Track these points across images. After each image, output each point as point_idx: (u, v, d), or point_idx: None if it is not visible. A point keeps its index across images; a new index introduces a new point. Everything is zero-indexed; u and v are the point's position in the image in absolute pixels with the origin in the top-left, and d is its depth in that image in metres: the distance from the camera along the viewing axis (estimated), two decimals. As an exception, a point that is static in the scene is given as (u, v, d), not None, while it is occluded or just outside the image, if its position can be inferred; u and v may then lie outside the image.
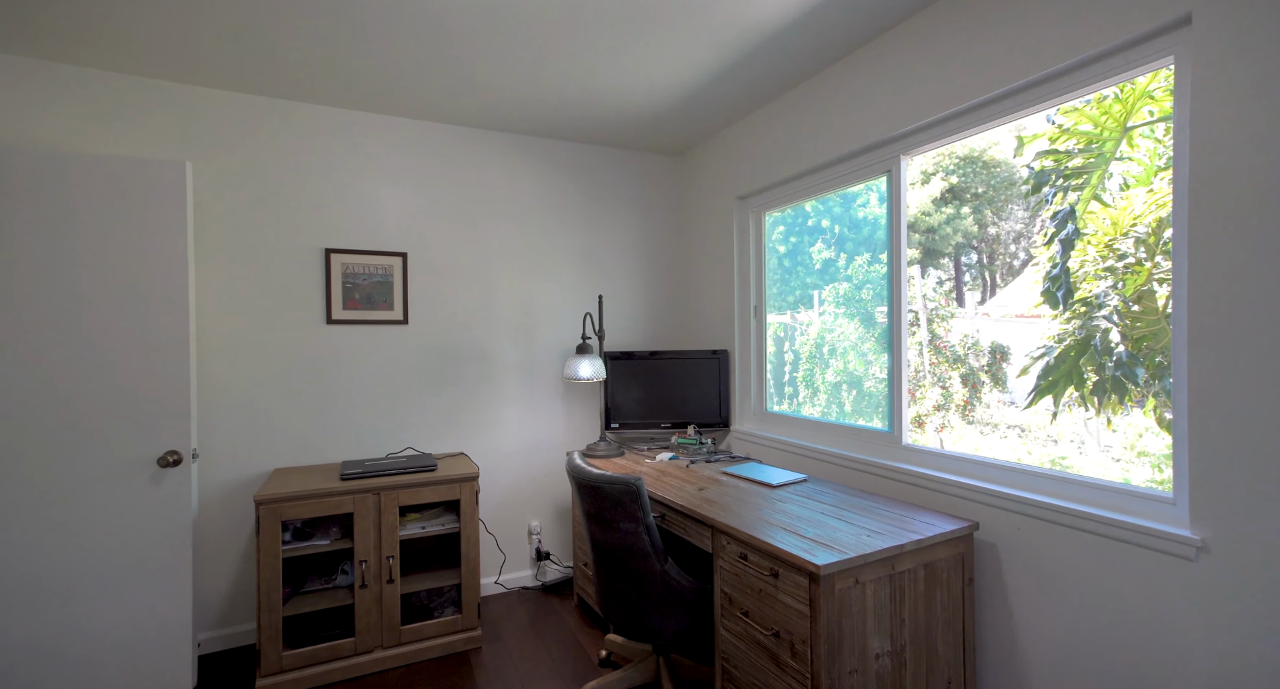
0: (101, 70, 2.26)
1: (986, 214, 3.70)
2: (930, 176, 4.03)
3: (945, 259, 3.81)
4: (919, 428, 3.55)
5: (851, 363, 2.55)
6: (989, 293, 3.75)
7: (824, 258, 2.64)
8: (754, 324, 2.89)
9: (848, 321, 2.56)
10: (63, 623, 2.02)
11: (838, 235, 2.56)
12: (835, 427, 2.40)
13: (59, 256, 2.02)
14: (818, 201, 2.57)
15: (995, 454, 2.75)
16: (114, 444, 2.07)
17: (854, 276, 2.51)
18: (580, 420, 3.19)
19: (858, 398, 2.52)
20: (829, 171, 2.41)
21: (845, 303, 2.60)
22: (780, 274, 2.82)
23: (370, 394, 2.72)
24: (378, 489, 2.27)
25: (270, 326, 2.54)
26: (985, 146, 3.47)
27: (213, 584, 2.44)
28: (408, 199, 2.79)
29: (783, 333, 2.83)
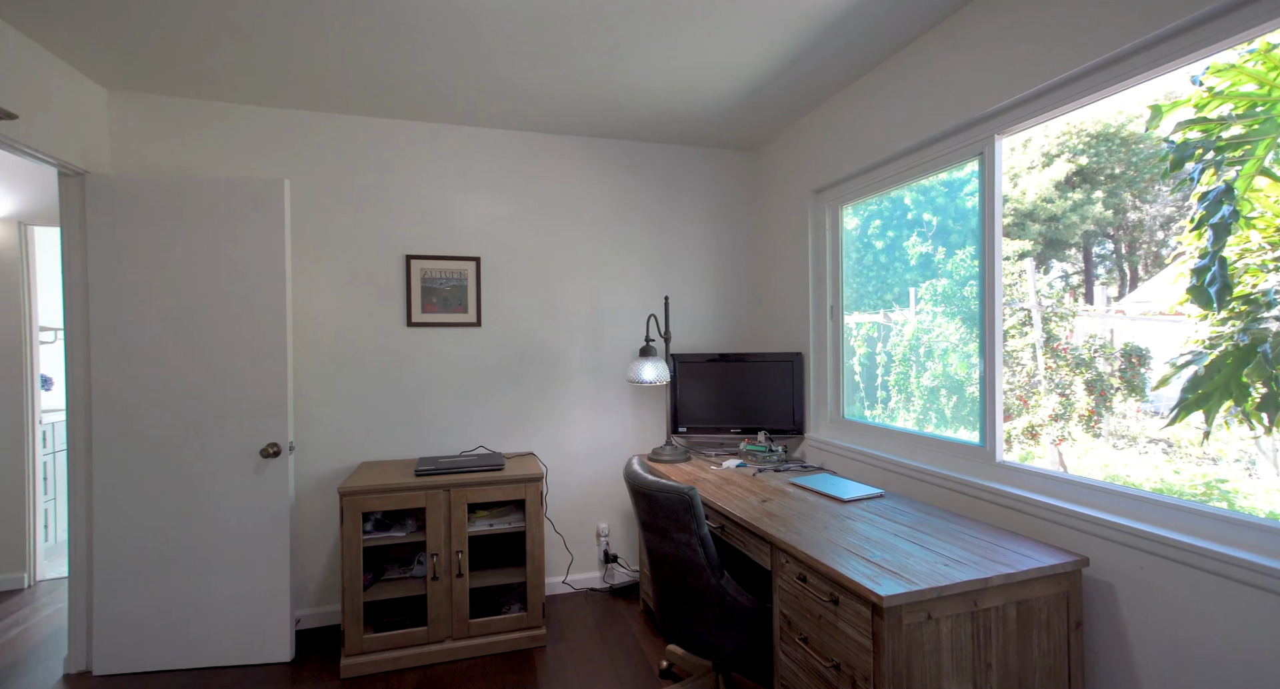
0: (213, 101, 2.53)
1: (1126, 197, 3.26)
2: (1053, 158, 3.60)
3: (1072, 250, 3.36)
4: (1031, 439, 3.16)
5: (952, 365, 2.31)
6: (1127, 286, 3.28)
7: (920, 252, 2.41)
8: (830, 325, 2.71)
9: (947, 321, 2.33)
10: (194, 588, 2.29)
11: (935, 228, 2.33)
12: (917, 438, 2.18)
13: (182, 271, 2.29)
14: (917, 192, 2.35)
15: (1123, 474, 2.39)
16: (226, 436, 2.31)
17: (955, 272, 2.27)
18: (648, 423, 3.15)
19: (958, 404, 2.28)
20: (911, 158, 2.19)
21: (945, 300, 2.36)
22: (876, 271, 2.61)
23: (447, 393, 2.84)
24: (447, 486, 2.36)
25: (357, 329, 2.72)
26: (1124, 120, 3.03)
27: (310, 566, 2.66)
28: (481, 205, 2.89)
29: (875, 333, 2.63)
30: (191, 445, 2.29)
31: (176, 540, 2.29)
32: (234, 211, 2.31)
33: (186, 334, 2.30)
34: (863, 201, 2.55)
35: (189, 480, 2.30)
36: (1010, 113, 1.78)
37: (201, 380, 2.30)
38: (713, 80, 2.37)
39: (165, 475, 2.29)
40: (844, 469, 2.50)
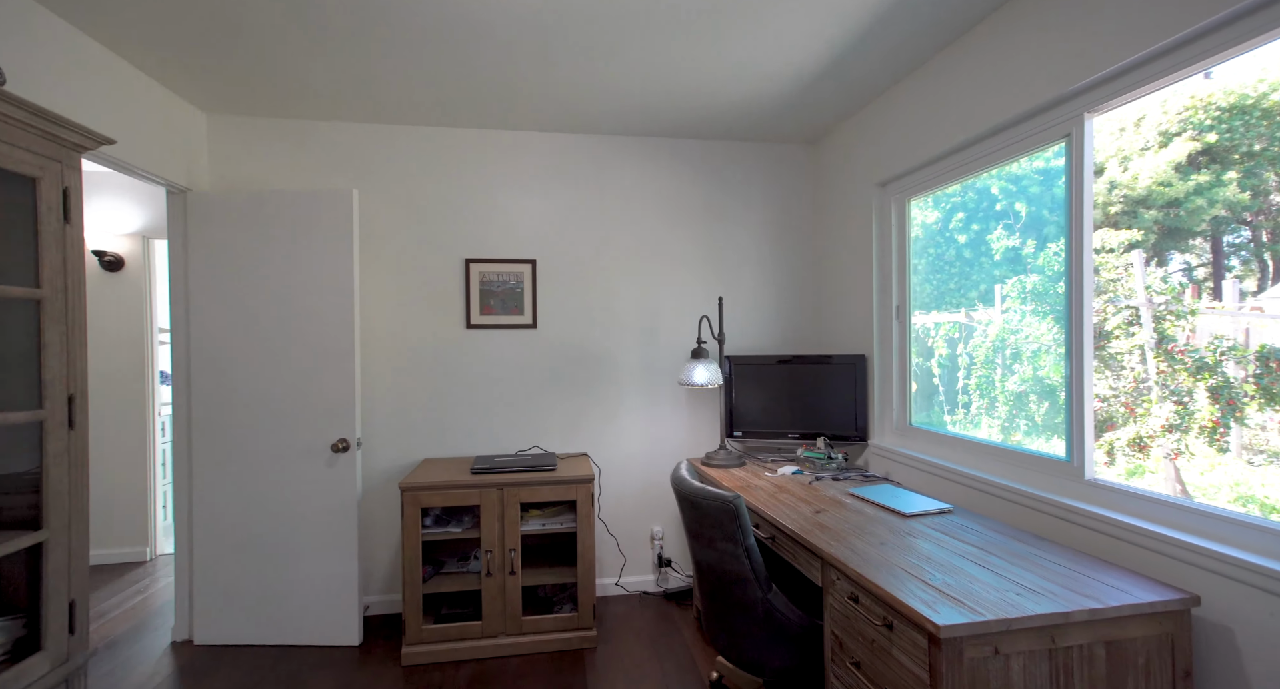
0: (292, 119, 2.73)
1: (1268, 177, 2.86)
2: (1172, 137, 3.22)
3: (1197, 239, 2.97)
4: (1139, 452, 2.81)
5: (1044, 369, 2.09)
6: (1269, 280, 2.86)
7: (1006, 246, 2.20)
8: (896, 326, 2.52)
9: (1038, 320, 2.11)
10: (276, 571, 2.48)
11: (1024, 219, 2.12)
12: (992, 449, 1.98)
13: (264, 277, 2.48)
14: (1006, 180, 2.15)
15: (1260, 494, 2.09)
16: (301, 431, 2.48)
17: (1047, 266, 2.05)
18: (703, 426, 3.08)
19: (1051, 411, 2.06)
20: (985, 145, 2.00)
21: (1035, 298, 2.14)
22: (959, 266, 2.41)
23: (504, 393, 2.91)
24: (500, 485, 2.41)
25: (420, 331, 2.85)
26: (1267, 89, 2.65)
27: (378, 556, 2.81)
28: (537, 208, 2.94)
29: (957, 333, 2.43)
30: (272, 439, 2.48)
31: (261, 525, 2.49)
32: (308, 221, 2.47)
33: (268, 334, 2.49)
34: (932, 193, 2.35)
35: (270, 471, 2.49)
36: (1101, 88, 1.58)
37: (280, 378, 2.48)
38: (768, 72, 2.28)
39: (251, 465, 2.49)
40: (909, 480, 2.32)
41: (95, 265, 3.47)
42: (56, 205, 1.30)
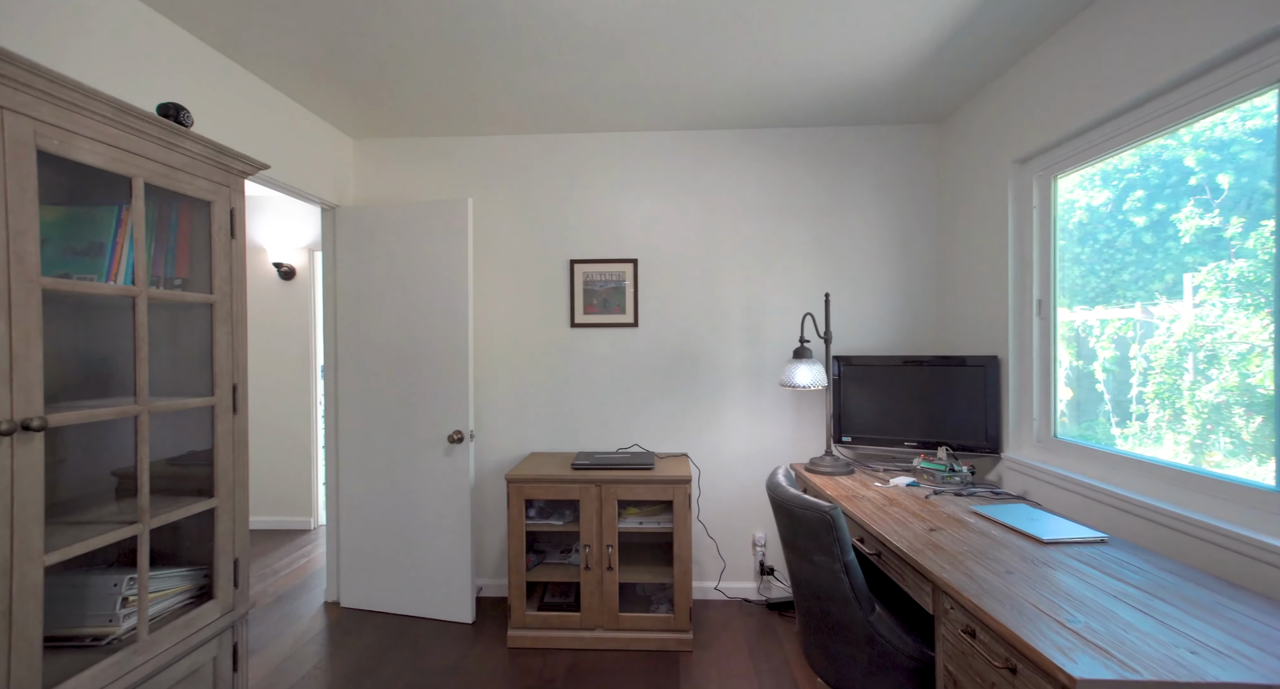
0: (420, 138, 3.00)
1: None
2: None
3: None
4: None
5: (1255, 375, 1.71)
6: None
7: (1199, 226, 1.83)
8: (1037, 324, 2.20)
9: (1246, 316, 1.73)
10: (404, 547, 2.75)
11: (1227, 192, 1.74)
12: (1171, 471, 1.64)
13: (393, 282, 2.76)
14: (1206, 148, 1.79)
15: None
16: (423, 422, 2.72)
17: (1258, 250, 1.68)
18: (809, 430, 2.92)
19: (1263, 428, 1.68)
20: (1161, 102, 1.66)
21: (1242, 288, 1.76)
22: (1136, 253, 2.05)
23: (606, 391, 2.98)
24: (599, 482, 2.46)
25: (527, 330, 3.00)
26: None
27: (489, 541, 3.00)
28: (639, 207, 2.97)
29: (1130, 331, 2.07)
30: (400, 428, 2.75)
31: (392, 506, 2.77)
32: (430, 230, 2.71)
33: (397, 333, 2.76)
34: (1086, 168, 2.01)
35: (399, 457, 2.76)
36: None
37: (406, 372, 2.74)
38: (885, 46, 2.09)
39: (383, 452, 2.78)
40: (1052, 501, 2.00)
41: (274, 275, 4.09)
42: (225, 224, 1.54)
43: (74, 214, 1.46)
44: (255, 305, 4.07)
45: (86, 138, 1.20)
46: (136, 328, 1.29)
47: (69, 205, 1.46)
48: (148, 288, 1.33)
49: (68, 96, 1.14)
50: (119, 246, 1.47)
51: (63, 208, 1.47)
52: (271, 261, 4.04)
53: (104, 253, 1.45)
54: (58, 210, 1.48)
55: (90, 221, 1.45)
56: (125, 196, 1.36)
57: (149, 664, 1.30)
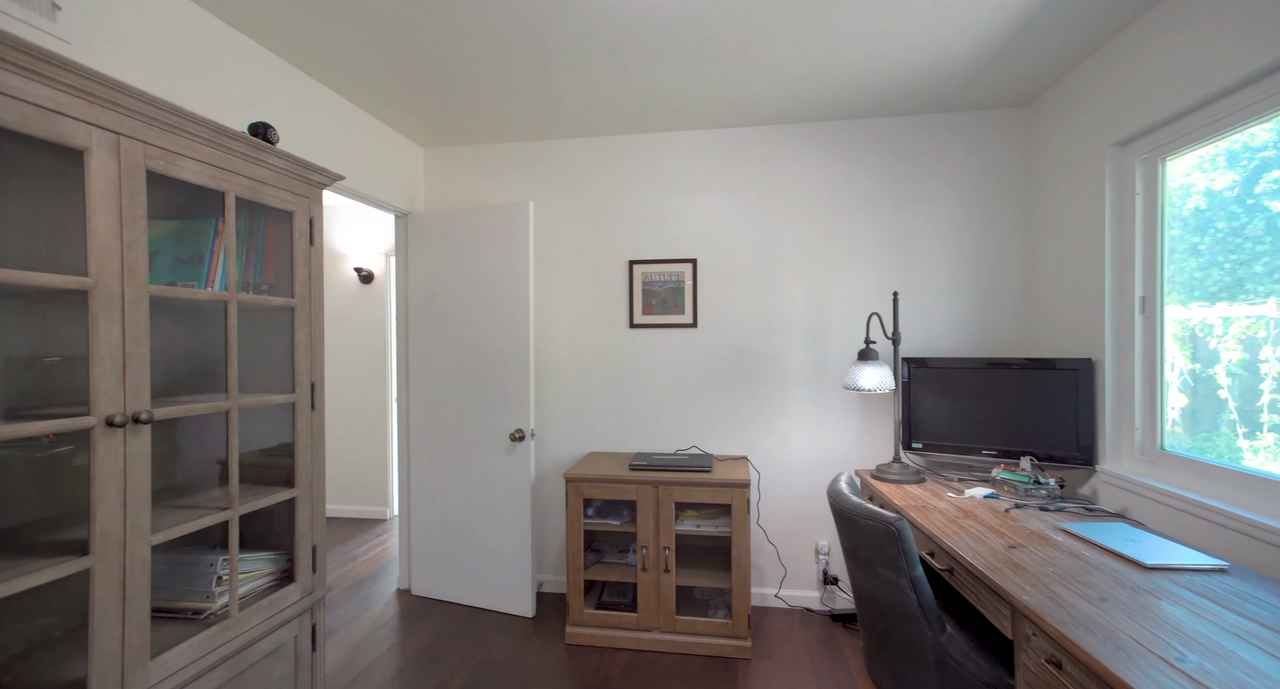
0: (485, 144, 3.11)
1: None
2: None
3: None
4: None
5: None
6: None
7: None
8: (1140, 323, 1.98)
9: None
10: (469, 540, 2.86)
11: None
12: (1303, 492, 1.43)
13: (458, 283, 2.87)
14: None
15: None
16: (486, 420, 2.81)
17: None
18: (876, 435, 2.78)
19: None
20: (1292, 67, 1.45)
21: None
22: (1272, 241, 1.83)
23: (664, 392, 2.96)
24: (656, 483, 2.46)
25: (586, 330, 3.03)
26: None
27: (549, 538, 3.07)
28: (698, 207, 2.94)
29: (1264, 330, 1.84)
30: (465, 426, 2.86)
31: (458, 500, 2.89)
32: (493, 233, 2.80)
33: (462, 333, 2.87)
34: (1203, 148, 1.79)
35: (465, 454, 2.86)
36: None
37: (471, 371, 2.85)
38: (967, 21, 1.96)
39: (451, 448, 2.90)
40: (1157, 521, 1.80)
41: (354, 279, 4.36)
42: (305, 232, 1.65)
43: (182, 227, 1.61)
44: (337, 307, 4.36)
45: (188, 158, 1.31)
46: (228, 330, 1.41)
47: (179, 219, 1.62)
48: (238, 293, 1.45)
49: (173, 121, 1.26)
50: (215, 256, 1.60)
51: (174, 222, 1.62)
52: (352, 266, 4.32)
53: (203, 262, 1.59)
54: (169, 224, 1.63)
55: (194, 233, 1.60)
56: (221, 210, 1.49)
57: (239, 639, 1.42)
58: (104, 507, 1.13)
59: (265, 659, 1.50)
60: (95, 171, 1.13)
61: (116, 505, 1.15)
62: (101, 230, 1.13)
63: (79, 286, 1.10)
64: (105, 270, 1.14)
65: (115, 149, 1.16)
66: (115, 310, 1.15)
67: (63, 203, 1.28)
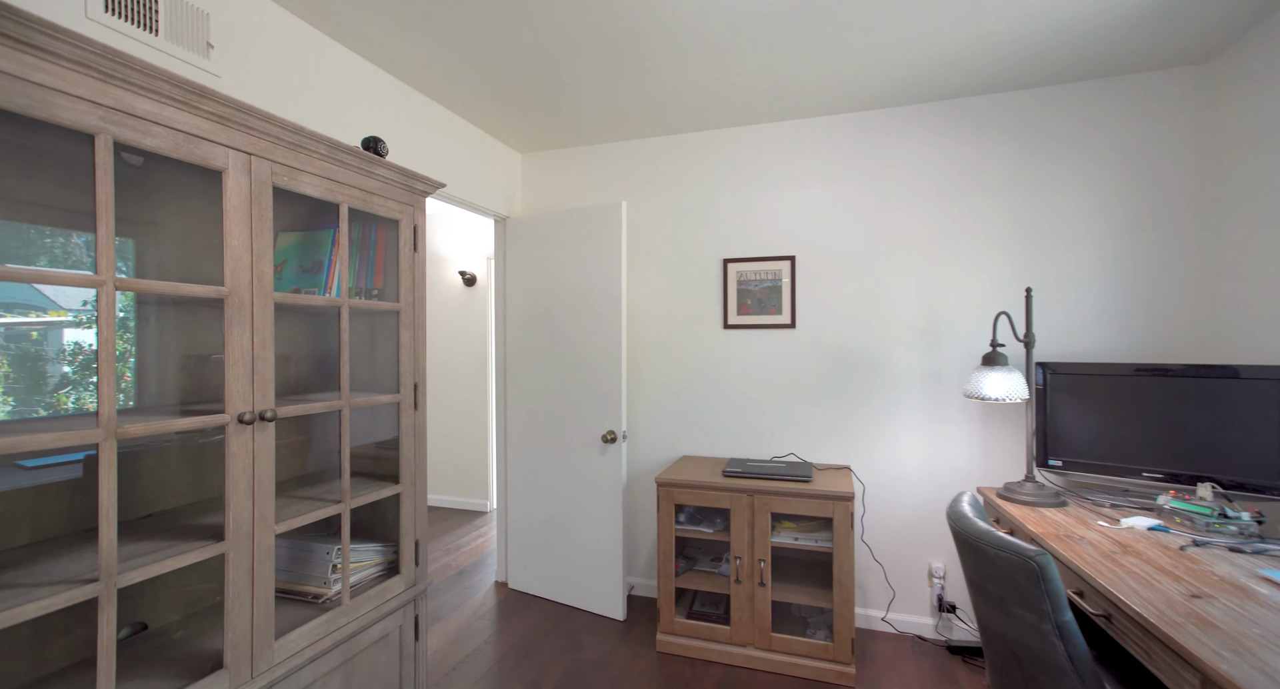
0: (579, 147, 3.13)
1: None
2: None
3: None
4: None
5: None
6: None
7: None
8: (1372, 321, 1.58)
9: None
10: (563, 538, 2.90)
11: None
12: None
13: (554, 284, 2.92)
14: None
15: None
16: (580, 421, 2.83)
17: None
18: (1002, 449, 2.47)
19: None
20: None
21: None
22: None
23: (760, 396, 2.83)
24: (751, 491, 2.34)
25: (680, 331, 2.97)
26: None
27: (641, 541, 3.04)
28: (797, 201, 2.77)
29: None
30: (560, 425, 2.90)
31: (552, 498, 2.94)
32: (586, 234, 2.81)
33: (557, 333, 2.92)
34: None
35: (559, 453, 2.91)
36: None
37: (565, 372, 2.88)
38: (1108, -24, 1.67)
39: (545, 447, 2.95)
40: (1407, 576, 1.41)
41: (459, 282, 4.61)
42: (409, 239, 1.73)
43: (305, 238, 1.75)
44: (443, 309, 4.63)
45: (307, 172, 1.40)
46: (340, 334, 1.49)
47: (304, 230, 1.75)
48: (349, 299, 1.53)
49: (295, 139, 1.35)
50: (333, 263, 1.71)
51: (298, 233, 1.76)
52: (456, 270, 4.56)
53: (322, 269, 1.71)
54: (294, 236, 1.77)
55: (315, 243, 1.72)
56: (336, 221, 1.59)
57: (350, 625, 1.50)
58: (236, 497, 1.23)
59: (373, 646, 1.58)
60: (231, 189, 1.22)
61: (246, 497, 1.24)
62: (235, 243, 1.23)
63: (216, 296, 1.20)
64: (238, 280, 1.23)
65: (247, 168, 1.26)
66: (246, 317, 1.25)
67: (207, 219, 1.41)
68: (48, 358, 1.31)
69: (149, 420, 1.13)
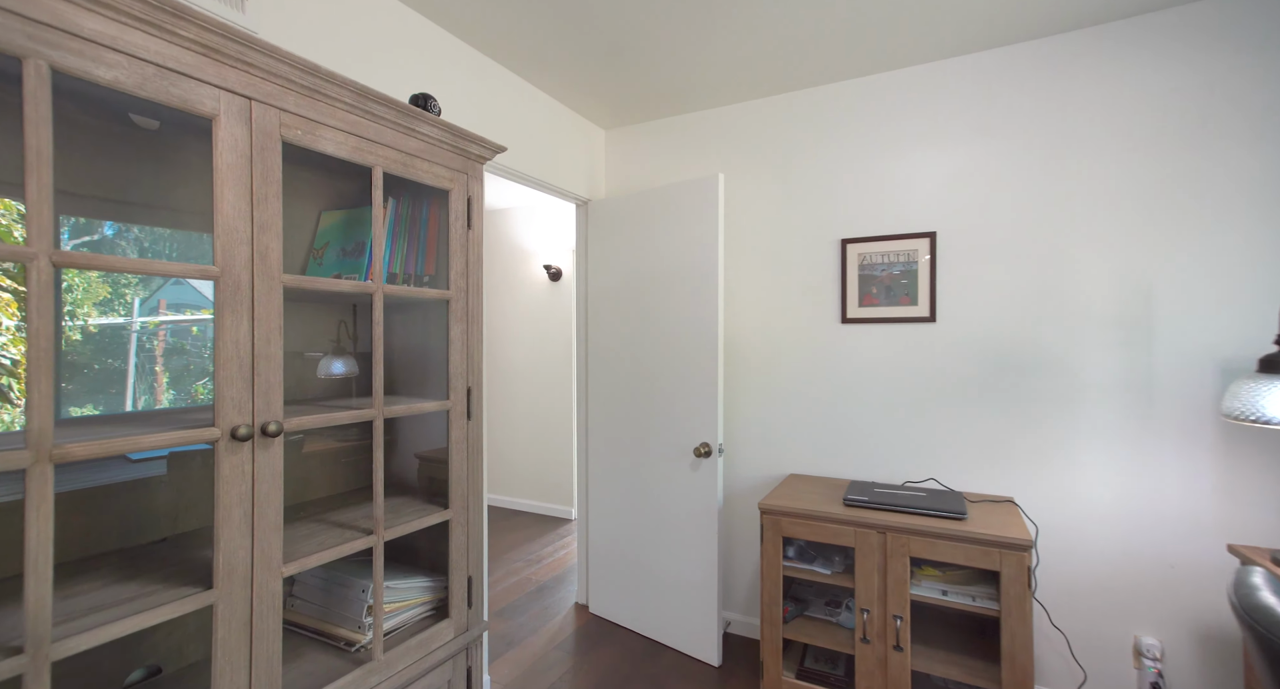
0: (668, 117, 2.74)
1: None
2: None
3: None
4: None
5: None
6: None
7: None
8: None
9: None
10: (647, 562, 2.54)
11: None
12: None
13: (638, 269, 2.55)
14: None
15: None
16: (667, 430, 2.45)
17: None
18: (1264, 491, 1.77)
19: None
20: None
21: None
22: None
23: (887, 405, 2.30)
24: (882, 527, 1.83)
25: (786, 325, 2.49)
26: None
27: (739, 571, 2.60)
28: (937, 166, 2.21)
29: None
30: (644, 434, 2.54)
31: (635, 516, 2.59)
32: (675, 215, 2.42)
33: (641, 330, 2.55)
34: None
35: (643, 465, 2.54)
36: None
37: (650, 373, 2.51)
38: None
39: (627, 456, 2.60)
40: None
41: (544, 278, 4.40)
42: (462, 213, 1.43)
43: (348, 217, 1.50)
44: (528, 306, 4.44)
45: (328, 126, 1.13)
46: (374, 326, 1.21)
47: (349, 208, 1.51)
48: (384, 284, 1.25)
49: (310, 83, 1.08)
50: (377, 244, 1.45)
51: (343, 212, 1.52)
52: (541, 264, 4.36)
53: (364, 252, 1.45)
54: (339, 215, 1.54)
55: (359, 223, 1.47)
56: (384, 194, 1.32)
57: (383, 686, 1.22)
58: (229, 531, 0.97)
59: (413, 709, 1.30)
60: (223, 142, 0.97)
61: (243, 531, 0.98)
62: (229, 211, 0.97)
63: (203, 276, 0.95)
64: (232, 258, 0.98)
65: (246, 116, 1.00)
66: (243, 304, 0.99)
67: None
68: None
69: (97, 440, 0.89)
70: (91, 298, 1.18)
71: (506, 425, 4.55)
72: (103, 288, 1.20)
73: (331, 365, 1.51)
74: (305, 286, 1.11)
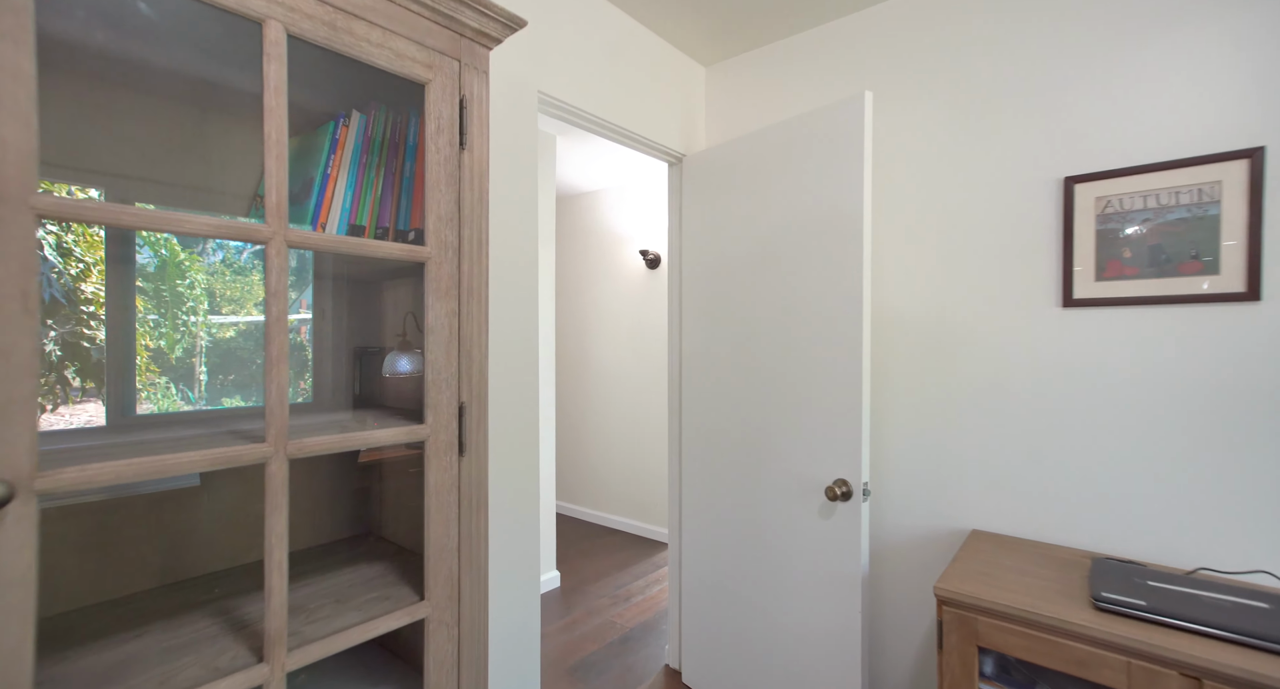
0: (793, 35, 2.04)
1: None
2: None
3: None
4: None
5: None
6: None
7: None
8: None
9: None
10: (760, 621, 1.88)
11: None
12: None
13: (745, 246, 1.89)
14: None
15: None
16: (784, 458, 1.76)
17: None
18: None
19: None
20: None
21: None
22: None
23: (1153, 436, 1.43)
24: (1189, 666, 1.02)
25: (965, 310, 1.69)
26: None
27: (894, 652, 1.84)
28: (1253, 31, 1.31)
29: None
30: (753, 462, 1.87)
31: (739, 569, 1.93)
32: (800, 158, 1.72)
33: (748, 320, 1.89)
34: None
35: (751, 504, 1.88)
36: None
37: (760, 382, 1.83)
38: None
39: (731, 489, 1.95)
40: None
41: (641, 265, 3.85)
42: (447, 124, 0.89)
43: (301, 145, 1.04)
44: (624, 297, 3.92)
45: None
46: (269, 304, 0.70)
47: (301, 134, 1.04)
48: (286, 229, 0.73)
49: None
50: (331, 181, 0.96)
51: (295, 140, 1.06)
52: (637, 249, 3.81)
53: (311, 193, 0.97)
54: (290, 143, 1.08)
55: (310, 152, 1.00)
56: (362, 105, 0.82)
57: None
58: None
59: None
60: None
61: None
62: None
63: None
64: None
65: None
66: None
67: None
68: None
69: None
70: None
71: (598, 433, 4.06)
72: None
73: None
74: (117, 222, 0.62)
